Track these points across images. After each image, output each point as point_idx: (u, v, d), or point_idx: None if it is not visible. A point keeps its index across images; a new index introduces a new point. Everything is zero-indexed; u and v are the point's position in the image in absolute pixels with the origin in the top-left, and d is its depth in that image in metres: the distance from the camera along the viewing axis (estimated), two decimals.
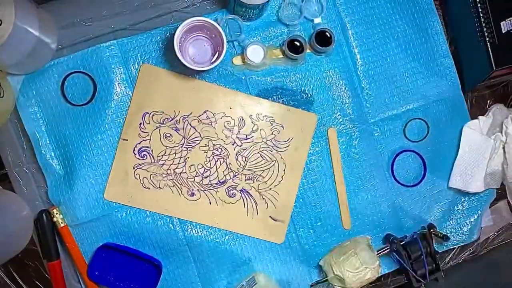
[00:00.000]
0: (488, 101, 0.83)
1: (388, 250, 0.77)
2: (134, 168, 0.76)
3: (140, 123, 0.75)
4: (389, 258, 0.80)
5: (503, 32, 0.72)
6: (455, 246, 0.82)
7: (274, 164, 0.78)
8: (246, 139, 0.77)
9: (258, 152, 0.77)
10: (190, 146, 0.76)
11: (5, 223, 0.71)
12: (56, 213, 0.74)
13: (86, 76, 0.75)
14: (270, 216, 0.78)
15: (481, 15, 0.73)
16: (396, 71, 0.79)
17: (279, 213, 0.78)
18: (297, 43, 0.74)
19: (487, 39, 0.73)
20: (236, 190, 0.77)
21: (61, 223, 0.74)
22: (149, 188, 0.76)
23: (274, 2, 0.76)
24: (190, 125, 0.76)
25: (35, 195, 0.76)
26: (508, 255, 0.84)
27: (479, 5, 0.73)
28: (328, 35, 0.75)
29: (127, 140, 0.75)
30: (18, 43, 0.65)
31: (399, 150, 0.80)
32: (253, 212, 0.78)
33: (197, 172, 0.76)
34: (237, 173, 0.77)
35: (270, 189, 0.77)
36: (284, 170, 0.78)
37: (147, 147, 0.76)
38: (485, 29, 0.73)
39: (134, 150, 0.75)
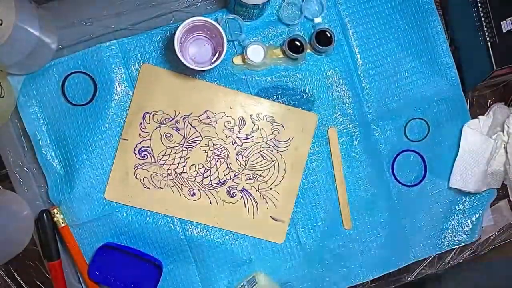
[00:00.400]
0: (489, 100, 0.83)
1: None
2: (134, 168, 0.76)
3: (141, 123, 0.75)
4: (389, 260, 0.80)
5: (504, 31, 0.72)
6: (456, 246, 0.82)
7: (274, 164, 0.77)
8: (247, 139, 0.77)
9: (259, 152, 0.77)
10: (191, 146, 0.76)
11: (6, 223, 0.71)
12: (57, 213, 0.74)
13: (87, 76, 0.75)
14: (270, 216, 0.78)
15: (482, 14, 0.73)
16: (396, 71, 0.79)
17: (280, 213, 0.78)
18: (298, 43, 0.74)
19: (488, 38, 0.73)
20: (236, 190, 0.77)
21: (62, 223, 0.74)
22: (149, 188, 0.76)
23: (274, 1, 0.76)
24: (191, 125, 0.76)
25: (35, 195, 0.76)
26: (509, 255, 0.84)
27: (479, 4, 0.73)
28: (329, 35, 0.74)
29: (127, 140, 0.75)
30: (19, 43, 0.65)
31: (400, 150, 0.80)
32: (254, 212, 0.78)
33: (197, 172, 0.76)
34: (238, 173, 0.77)
35: (271, 188, 0.77)
36: (285, 170, 0.78)
37: (148, 147, 0.76)
38: (485, 29, 0.73)
39: (134, 150, 0.75)
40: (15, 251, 0.75)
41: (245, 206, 0.77)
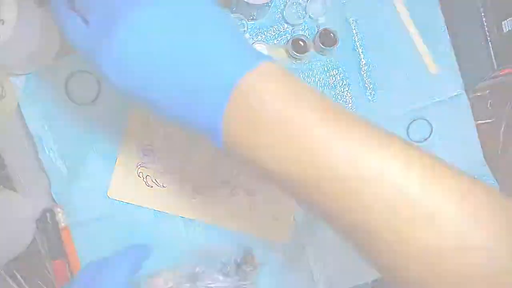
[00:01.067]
0: (489, 101, 0.84)
1: None
2: (137, 167, 0.75)
3: (144, 121, 0.75)
4: None
5: (505, 31, 0.72)
6: None
7: None
8: None
9: None
10: (194, 145, 0.76)
11: (7, 223, 0.71)
12: (59, 212, 0.74)
13: (90, 75, 0.74)
14: (273, 215, 0.78)
15: (483, 14, 0.73)
16: (400, 71, 0.79)
17: (283, 213, 0.78)
18: (301, 43, 0.74)
19: (489, 38, 0.73)
20: (239, 189, 0.77)
21: (64, 221, 0.74)
22: (152, 187, 0.76)
23: (279, 1, 0.76)
24: None
25: (36, 195, 0.76)
26: None
27: (480, 4, 0.73)
28: (333, 35, 0.74)
29: (131, 138, 0.75)
30: (20, 42, 0.64)
31: None
32: (257, 211, 0.78)
33: (200, 171, 0.76)
34: (241, 172, 0.77)
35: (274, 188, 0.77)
36: None
37: (151, 145, 0.75)
38: (486, 29, 0.73)
39: (138, 148, 0.75)
40: (16, 251, 0.75)
41: (248, 205, 0.77)
